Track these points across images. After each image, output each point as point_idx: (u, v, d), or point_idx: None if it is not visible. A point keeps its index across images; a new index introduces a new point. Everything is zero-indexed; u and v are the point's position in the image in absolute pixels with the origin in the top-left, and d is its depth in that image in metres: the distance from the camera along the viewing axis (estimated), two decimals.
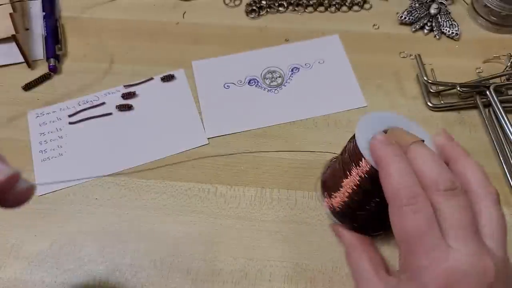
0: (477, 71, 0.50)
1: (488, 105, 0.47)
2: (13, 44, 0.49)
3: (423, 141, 0.30)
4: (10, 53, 0.51)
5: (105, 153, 0.45)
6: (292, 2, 0.56)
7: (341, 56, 0.52)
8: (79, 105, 0.48)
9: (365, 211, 0.33)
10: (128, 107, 0.48)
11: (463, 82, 0.47)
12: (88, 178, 0.43)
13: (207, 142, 0.46)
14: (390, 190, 0.28)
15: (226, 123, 0.47)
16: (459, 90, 0.47)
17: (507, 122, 0.45)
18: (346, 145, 0.34)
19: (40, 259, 0.40)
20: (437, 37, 0.53)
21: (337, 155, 0.37)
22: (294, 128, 0.47)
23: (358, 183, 0.31)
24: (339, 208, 0.34)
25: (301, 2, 0.56)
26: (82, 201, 0.42)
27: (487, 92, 0.46)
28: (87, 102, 0.48)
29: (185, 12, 0.56)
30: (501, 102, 0.46)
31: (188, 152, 0.45)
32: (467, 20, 0.55)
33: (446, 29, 0.53)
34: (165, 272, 0.39)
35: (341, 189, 0.33)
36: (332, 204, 0.34)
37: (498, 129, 0.45)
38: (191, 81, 0.50)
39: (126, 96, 0.49)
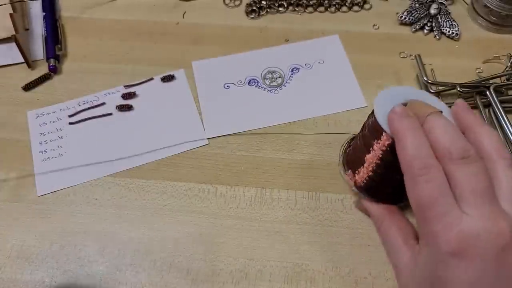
0: (477, 71, 0.50)
1: (488, 105, 0.47)
2: (13, 44, 0.49)
3: (441, 112, 0.30)
4: (10, 53, 0.51)
5: (105, 153, 0.45)
6: (292, 2, 0.56)
7: (341, 56, 0.52)
8: (79, 105, 0.48)
9: (390, 182, 0.34)
10: (128, 107, 0.48)
11: (463, 82, 0.47)
12: (88, 178, 0.44)
13: (207, 142, 0.46)
14: (405, 161, 0.29)
15: (226, 123, 0.47)
16: (459, 91, 0.47)
17: (507, 122, 0.45)
18: (366, 121, 0.35)
19: (40, 259, 0.40)
20: (437, 37, 0.53)
21: (354, 135, 0.37)
22: (294, 128, 0.47)
23: (380, 156, 0.32)
24: (363, 182, 0.35)
25: (301, 2, 0.56)
26: (82, 201, 0.43)
27: (487, 92, 0.46)
28: (87, 102, 0.49)
29: (185, 12, 0.56)
30: (501, 102, 0.46)
31: (188, 152, 0.45)
32: (467, 20, 0.55)
33: (446, 29, 0.53)
34: (165, 272, 0.39)
35: (364, 164, 0.34)
36: (356, 180, 0.36)
37: (498, 129, 0.45)
38: (191, 81, 0.50)
39: (126, 96, 0.49)
